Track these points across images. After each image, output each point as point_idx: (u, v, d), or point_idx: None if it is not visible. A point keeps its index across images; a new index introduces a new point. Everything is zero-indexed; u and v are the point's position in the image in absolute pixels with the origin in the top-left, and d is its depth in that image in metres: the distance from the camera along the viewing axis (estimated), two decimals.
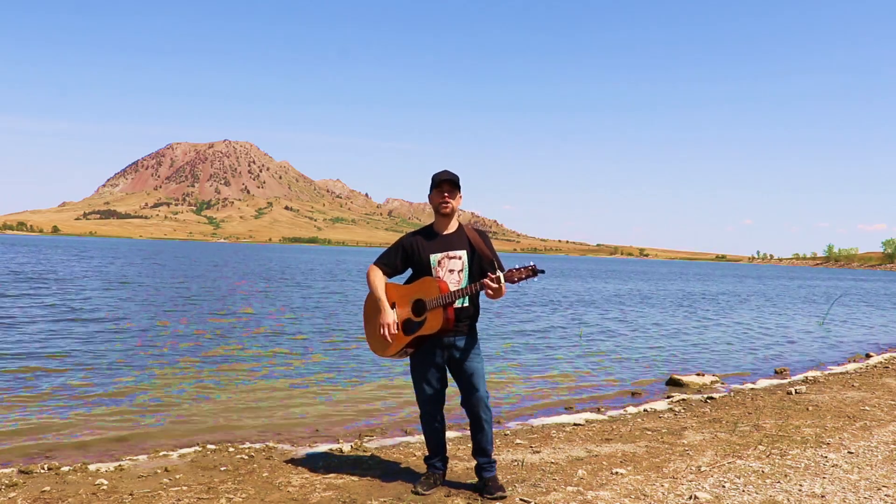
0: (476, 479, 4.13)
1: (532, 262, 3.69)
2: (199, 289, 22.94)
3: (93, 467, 4.61)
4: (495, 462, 4.15)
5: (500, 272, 3.68)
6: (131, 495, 3.97)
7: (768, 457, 4.97)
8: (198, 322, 13.47)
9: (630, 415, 6.70)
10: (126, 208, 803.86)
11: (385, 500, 3.93)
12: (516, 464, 4.71)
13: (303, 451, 5.12)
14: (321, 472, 4.49)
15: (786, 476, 4.49)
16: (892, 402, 7.28)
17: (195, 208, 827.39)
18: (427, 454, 4.25)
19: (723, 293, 34.73)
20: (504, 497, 3.95)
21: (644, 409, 6.95)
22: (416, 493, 4.01)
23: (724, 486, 4.24)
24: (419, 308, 3.90)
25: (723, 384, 8.71)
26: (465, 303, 3.94)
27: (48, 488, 4.10)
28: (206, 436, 5.69)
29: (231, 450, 5.11)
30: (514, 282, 3.67)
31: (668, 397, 7.70)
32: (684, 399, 7.51)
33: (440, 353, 3.97)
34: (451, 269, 3.94)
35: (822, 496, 4.09)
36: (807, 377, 9.24)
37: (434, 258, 3.96)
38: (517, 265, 3.70)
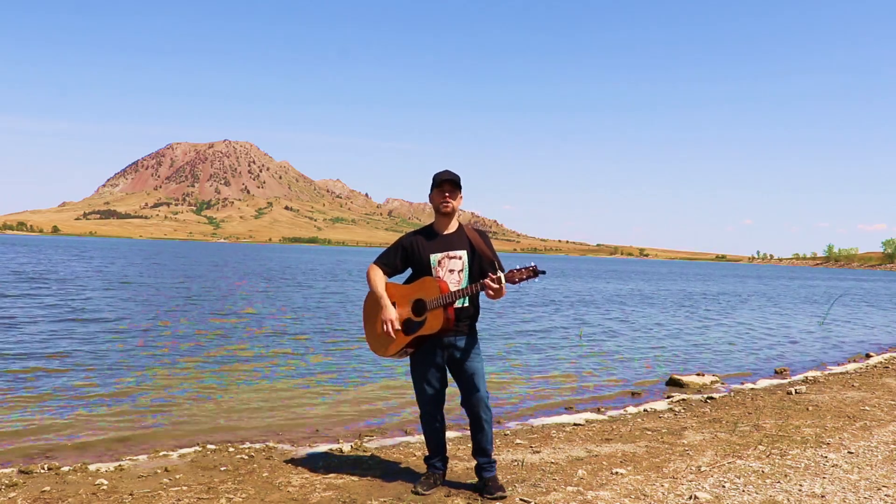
0: (476, 479, 4.14)
1: (533, 263, 3.69)
2: (200, 289, 22.94)
3: (93, 467, 4.61)
4: (495, 462, 4.15)
5: (501, 273, 3.68)
6: (131, 495, 3.97)
7: (768, 457, 4.97)
8: (198, 322, 13.47)
9: (630, 415, 6.70)
10: (126, 208, 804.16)
11: (385, 500, 3.93)
12: (516, 464, 4.72)
13: (303, 451, 5.12)
14: (321, 472, 4.49)
15: (786, 476, 4.49)
16: (892, 402, 7.28)
17: (195, 208, 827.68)
18: (427, 454, 4.26)
19: (723, 293, 34.74)
20: (504, 497, 3.95)
21: (644, 410, 6.96)
22: (416, 493, 4.01)
23: (724, 486, 4.24)
24: (419, 308, 3.90)
25: (723, 384, 8.71)
26: (466, 303, 3.94)
27: (48, 488, 4.10)
28: (206, 436, 5.69)
29: (231, 450, 5.12)
30: (514, 282, 3.66)
31: (669, 397, 7.70)
32: (684, 399, 7.50)
33: (440, 353, 3.97)
34: (452, 269, 3.94)
35: (822, 496, 4.09)
36: (807, 377, 9.24)
37: (434, 258, 3.96)
38: (518, 266, 3.70)
